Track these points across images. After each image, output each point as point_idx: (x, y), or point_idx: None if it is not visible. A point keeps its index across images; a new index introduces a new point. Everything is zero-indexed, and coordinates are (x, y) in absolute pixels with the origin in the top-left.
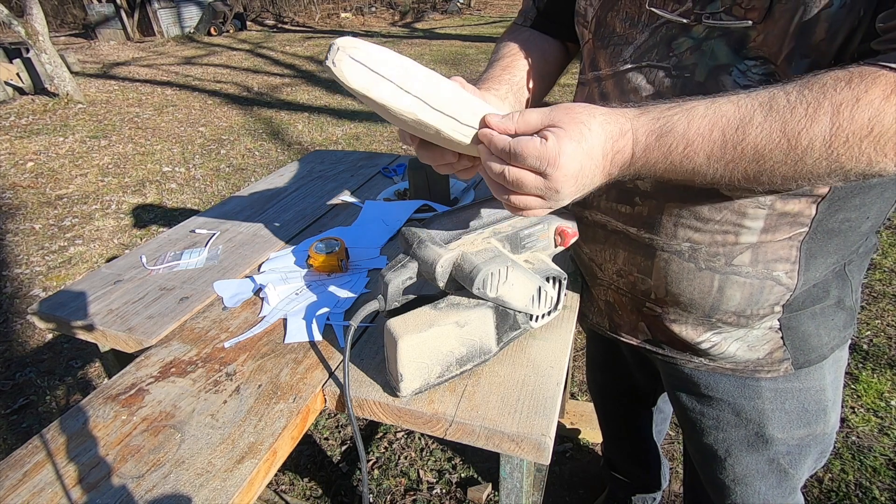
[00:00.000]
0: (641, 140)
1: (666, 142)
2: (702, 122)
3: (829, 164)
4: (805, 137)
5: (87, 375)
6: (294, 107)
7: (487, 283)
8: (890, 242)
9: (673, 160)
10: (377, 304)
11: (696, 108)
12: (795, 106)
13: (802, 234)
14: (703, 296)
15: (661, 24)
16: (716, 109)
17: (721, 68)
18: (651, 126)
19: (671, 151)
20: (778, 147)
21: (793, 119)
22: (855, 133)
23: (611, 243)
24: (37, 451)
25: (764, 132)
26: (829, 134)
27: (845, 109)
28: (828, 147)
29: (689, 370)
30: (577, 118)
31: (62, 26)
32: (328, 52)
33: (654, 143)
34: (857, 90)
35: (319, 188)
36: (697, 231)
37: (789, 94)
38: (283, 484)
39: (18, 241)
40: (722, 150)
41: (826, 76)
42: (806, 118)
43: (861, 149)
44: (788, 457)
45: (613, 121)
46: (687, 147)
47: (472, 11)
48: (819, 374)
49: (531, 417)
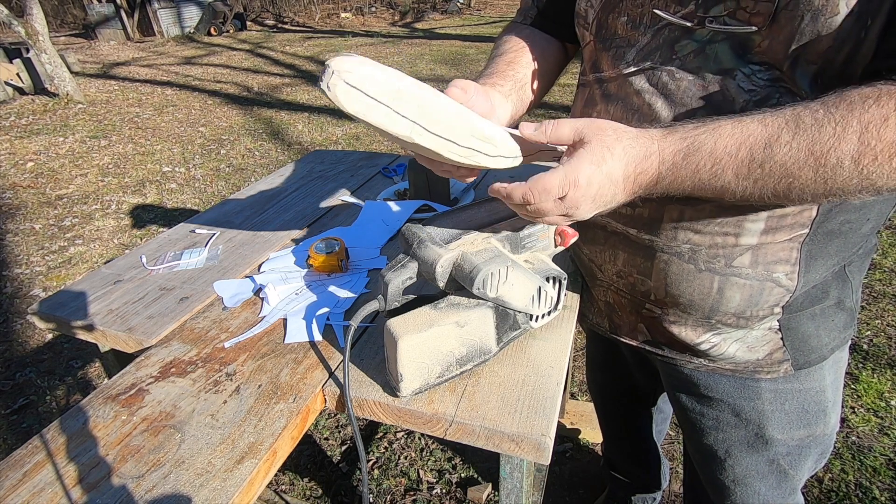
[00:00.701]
0: (668, 160)
1: (693, 160)
2: (729, 140)
3: (859, 181)
4: (833, 156)
5: (87, 375)
6: (294, 107)
7: (487, 283)
8: (890, 242)
9: (701, 178)
10: (377, 304)
11: (723, 127)
12: (823, 124)
13: (803, 236)
14: (703, 297)
15: (664, 27)
16: (743, 128)
17: (725, 72)
18: (678, 145)
19: (699, 170)
20: (806, 165)
21: (821, 138)
22: (884, 151)
23: (611, 244)
24: (37, 451)
25: (792, 150)
26: (858, 152)
27: (874, 128)
28: (857, 165)
29: (688, 371)
30: (604, 141)
31: (62, 26)
32: (322, 73)
33: (682, 161)
34: (885, 109)
35: (319, 188)
36: (697, 233)
37: (815, 112)
38: (283, 484)
39: (18, 241)
40: (749, 167)
41: (853, 93)
42: (834, 137)
43: (892, 166)
44: (788, 457)
45: (639, 144)
46: (714, 165)
47: (472, 11)
48: (819, 375)
49: (531, 417)
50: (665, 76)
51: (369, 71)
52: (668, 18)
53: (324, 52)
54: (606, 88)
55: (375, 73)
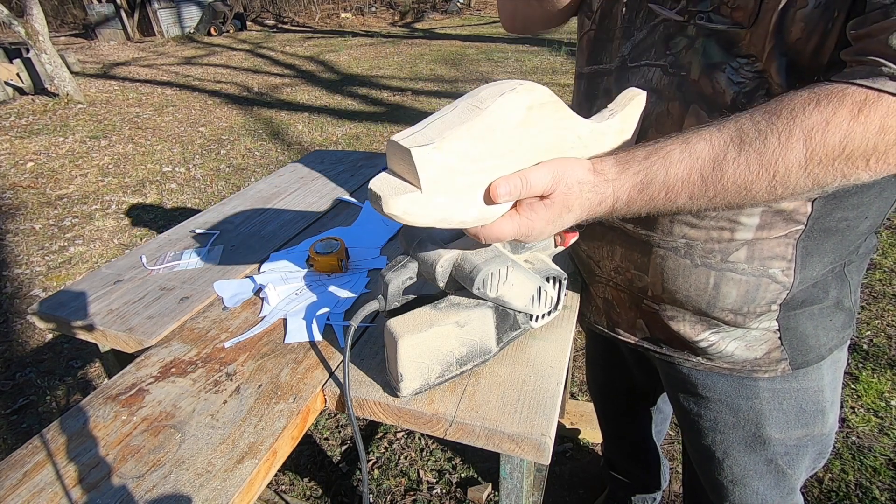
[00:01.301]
0: (623, 197)
1: (648, 193)
2: (679, 167)
3: (807, 183)
4: (782, 165)
5: (87, 375)
6: (294, 107)
7: (487, 283)
8: (890, 242)
9: (656, 205)
10: (377, 304)
11: (672, 153)
12: (767, 136)
13: (798, 232)
14: (699, 293)
15: (659, 23)
16: (690, 151)
17: (715, 66)
18: (632, 181)
19: (654, 199)
20: (757, 178)
21: (767, 150)
22: (828, 155)
23: (608, 240)
24: (37, 451)
25: (741, 167)
26: (805, 159)
27: (816, 134)
28: (805, 171)
29: (686, 369)
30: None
31: (62, 26)
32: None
33: (637, 195)
34: (825, 112)
35: (319, 188)
36: (693, 227)
37: (758, 123)
38: (283, 484)
39: (18, 241)
40: (703, 189)
41: (794, 100)
42: (780, 147)
43: (835, 167)
44: (786, 457)
45: (595, 193)
46: (668, 193)
47: (472, 11)
48: (817, 375)
49: (531, 417)
50: (659, 71)
51: (405, 205)
52: (662, 13)
53: (324, 52)
54: (606, 81)
55: (410, 204)
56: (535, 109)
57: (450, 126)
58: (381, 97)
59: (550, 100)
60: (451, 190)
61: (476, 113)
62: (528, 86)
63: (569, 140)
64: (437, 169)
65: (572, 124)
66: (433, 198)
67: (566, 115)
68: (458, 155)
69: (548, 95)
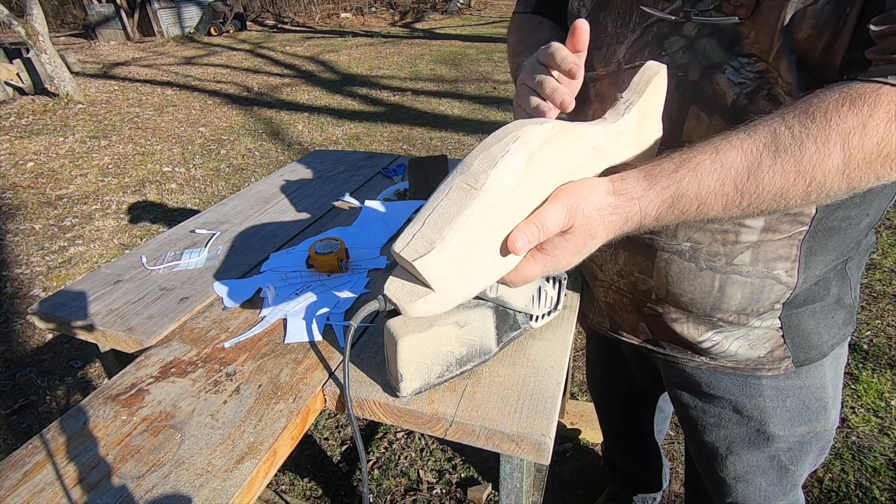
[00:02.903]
0: (651, 213)
1: (679, 207)
2: (710, 179)
3: (842, 187)
4: (819, 172)
5: (87, 375)
6: (294, 107)
7: None
8: (890, 242)
9: (687, 218)
10: (377, 304)
11: (703, 164)
12: (803, 141)
13: (803, 233)
14: (704, 295)
15: (653, 23)
16: (722, 162)
17: (715, 66)
18: (661, 197)
19: (685, 213)
20: (794, 186)
21: (804, 157)
22: (866, 158)
23: (611, 243)
24: (37, 451)
25: (777, 175)
26: (843, 164)
27: (854, 137)
28: (843, 175)
29: (690, 369)
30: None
31: (62, 26)
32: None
33: (667, 210)
34: (861, 115)
35: (319, 188)
36: (698, 231)
37: (792, 127)
38: (283, 484)
39: (18, 241)
40: (737, 199)
41: (827, 101)
42: (817, 154)
43: (872, 169)
44: (789, 453)
45: (619, 214)
46: (700, 206)
47: (472, 11)
48: (819, 372)
49: (531, 417)
50: None
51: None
52: (655, 14)
53: (324, 52)
54: (598, 87)
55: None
56: (536, 156)
57: (447, 219)
58: (381, 97)
59: (550, 134)
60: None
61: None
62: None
63: (582, 156)
64: (445, 268)
65: (582, 140)
66: (449, 289)
67: (572, 136)
68: (461, 245)
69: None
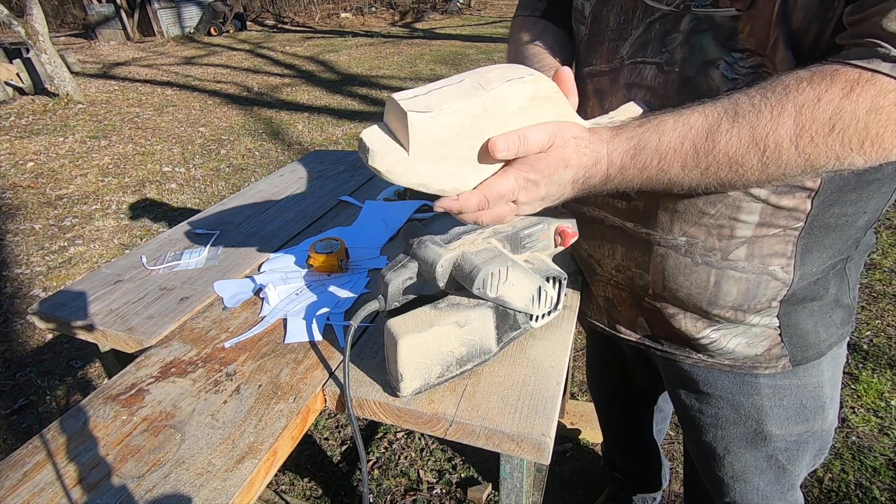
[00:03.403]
0: (616, 161)
1: (640, 159)
2: (672, 135)
3: (798, 162)
4: (772, 140)
5: (87, 375)
6: (294, 107)
7: (487, 283)
8: (890, 242)
9: (649, 175)
10: (377, 304)
11: (666, 122)
12: (761, 109)
13: (798, 229)
14: (700, 290)
15: (656, 20)
16: (684, 121)
17: (709, 63)
18: (625, 146)
19: (646, 167)
20: (748, 151)
21: (759, 123)
22: (818, 131)
23: (609, 238)
24: (37, 451)
25: (733, 138)
26: (795, 134)
27: (807, 109)
28: (795, 147)
29: (687, 366)
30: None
31: (62, 26)
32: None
33: (630, 161)
34: (818, 89)
35: (319, 188)
36: (693, 225)
37: (752, 97)
38: (283, 484)
39: (18, 241)
40: (695, 159)
41: (788, 77)
42: (771, 121)
43: (827, 145)
44: (787, 453)
45: (591, 151)
46: (661, 161)
47: (472, 11)
48: (817, 371)
49: (531, 417)
50: (654, 69)
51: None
52: (656, 6)
53: (324, 52)
54: (598, 83)
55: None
56: (538, 101)
57: (450, 99)
58: (381, 97)
59: (555, 95)
60: (436, 159)
61: (479, 93)
62: (537, 77)
63: None
64: (428, 138)
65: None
66: (418, 163)
67: (566, 112)
68: (451, 128)
69: (553, 91)
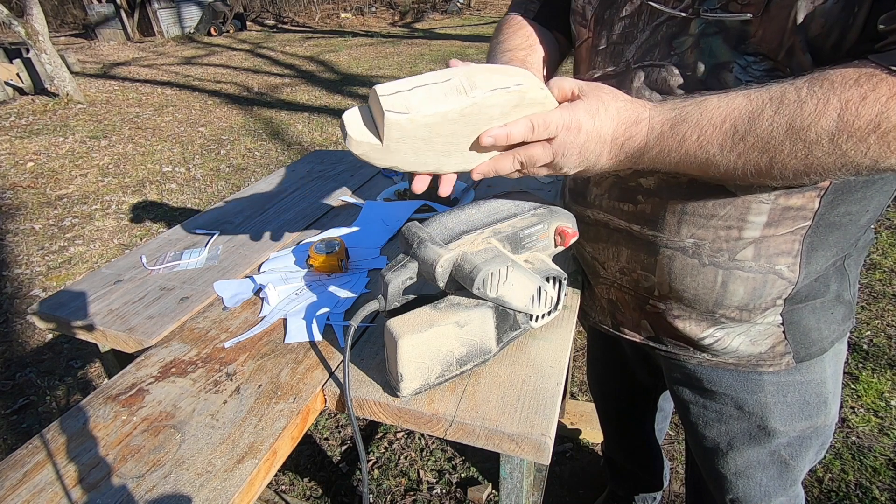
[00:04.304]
0: (657, 128)
1: (680, 130)
2: (714, 112)
3: (836, 158)
4: (813, 131)
5: (87, 375)
6: (294, 107)
7: (487, 283)
8: (890, 242)
9: (688, 149)
10: (377, 304)
11: (710, 100)
12: (805, 101)
13: (805, 228)
14: (707, 291)
15: (662, 23)
16: (728, 102)
17: (722, 66)
18: (667, 115)
19: (685, 139)
20: (787, 139)
21: (802, 113)
22: (861, 129)
23: (613, 241)
24: (37, 451)
25: (774, 125)
26: (836, 129)
27: (852, 106)
28: (834, 142)
29: (692, 366)
30: (600, 97)
31: (62, 26)
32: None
33: (669, 131)
34: (864, 88)
35: (319, 188)
36: (701, 227)
37: (799, 89)
38: (283, 484)
39: (18, 241)
40: (733, 139)
41: (835, 74)
42: (815, 113)
43: (867, 144)
44: (789, 448)
45: (632, 108)
46: (700, 136)
47: (472, 11)
48: (820, 367)
49: (531, 417)
50: (663, 72)
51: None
52: (663, 10)
53: (324, 52)
54: None
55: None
56: (521, 108)
57: (431, 100)
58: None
59: (541, 100)
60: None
61: (461, 98)
62: (525, 88)
63: None
64: (404, 134)
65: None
66: (392, 153)
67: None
68: (427, 129)
69: (541, 96)
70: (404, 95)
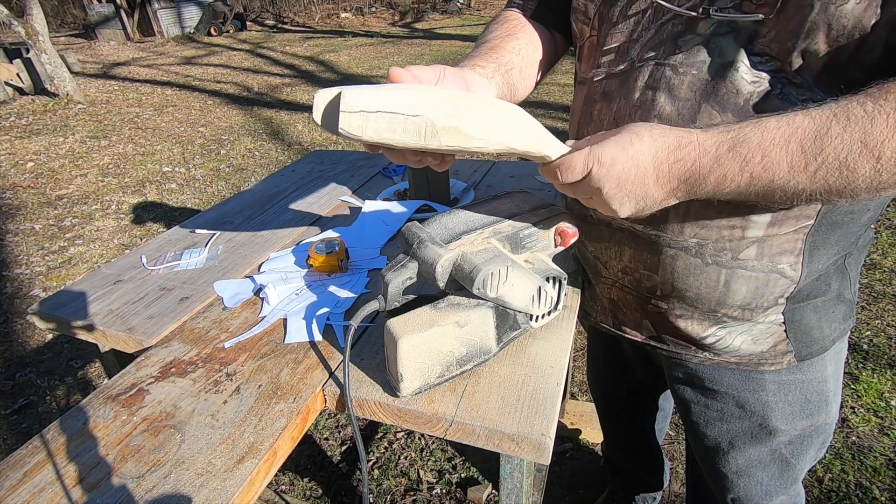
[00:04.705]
0: (710, 150)
1: (741, 152)
2: (776, 133)
3: None
4: (889, 147)
5: (87, 375)
6: (294, 107)
7: (487, 283)
8: (890, 242)
9: (752, 172)
10: (377, 304)
11: (768, 121)
12: (875, 116)
13: (808, 227)
14: (710, 290)
15: (668, 21)
16: (788, 121)
17: (728, 65)
18: (721, 137)
19: (748, 162)
20: (861, 157)
21: (873, 130)
22: None
23: (616, 241)
24: (37, 451)
25: (844, 143)
26: None
27: None
28: None
29: (693, 365)
30: (631, 129)
31: (62, 26)
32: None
33: (727, 153)
34: None
35: (319, 188)
36: (705, 227)
37: (864, 104)
38: (283, 484)
39: (18, 241)
40: (803, 160)
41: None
42: (888, 128)
43: None
44: (790, 447)
45: (671, 133)
46: (764, 157)
47: (472, 11)
48: (821, 366)
49: (531, 417)
50: (668, 70)
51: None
52: (672, 8)
53: (324, 52)
54: (607, 85)
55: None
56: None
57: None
58: None
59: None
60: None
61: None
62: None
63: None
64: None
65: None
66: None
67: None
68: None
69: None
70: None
